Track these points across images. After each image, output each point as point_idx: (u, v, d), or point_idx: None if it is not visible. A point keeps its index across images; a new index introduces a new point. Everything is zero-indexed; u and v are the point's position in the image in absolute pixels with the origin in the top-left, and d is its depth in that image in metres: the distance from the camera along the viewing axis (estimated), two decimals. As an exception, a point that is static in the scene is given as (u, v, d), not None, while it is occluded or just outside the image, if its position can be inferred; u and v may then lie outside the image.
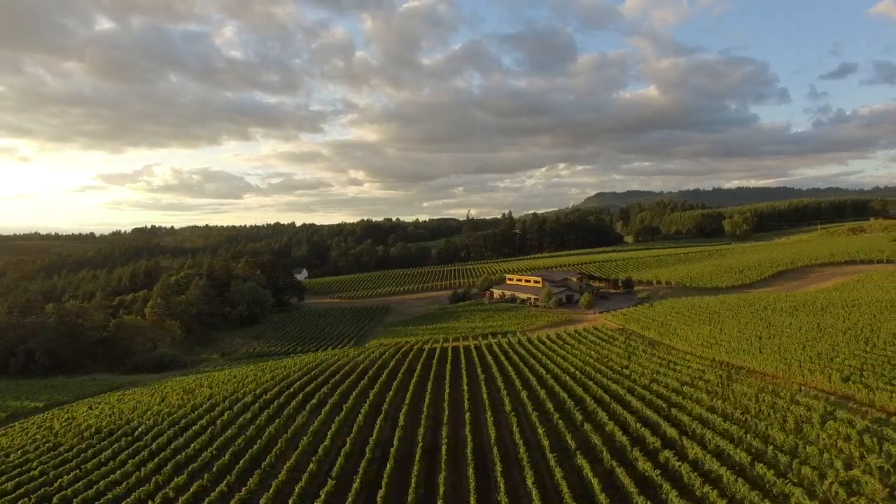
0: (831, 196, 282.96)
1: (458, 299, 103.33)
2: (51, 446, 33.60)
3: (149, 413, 37.91)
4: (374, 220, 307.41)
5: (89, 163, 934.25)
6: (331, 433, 31.13)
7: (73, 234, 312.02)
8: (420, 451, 27.80)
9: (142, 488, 25.65)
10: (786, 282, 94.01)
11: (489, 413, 32.19)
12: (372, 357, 52.46)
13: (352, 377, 43.46)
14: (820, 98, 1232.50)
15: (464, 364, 46.81)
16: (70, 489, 25.87)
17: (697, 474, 22.16)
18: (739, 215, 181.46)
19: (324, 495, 23.83)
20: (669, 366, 41.75)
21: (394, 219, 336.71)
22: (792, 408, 28.16)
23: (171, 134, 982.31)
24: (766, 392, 31.85)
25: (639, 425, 28.49)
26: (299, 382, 42.99)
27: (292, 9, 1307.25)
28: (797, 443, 23.57)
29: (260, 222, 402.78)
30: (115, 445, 31.73)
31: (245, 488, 25.27)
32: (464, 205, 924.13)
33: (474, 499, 22.41)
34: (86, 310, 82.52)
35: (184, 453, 29.53)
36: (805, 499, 19.09)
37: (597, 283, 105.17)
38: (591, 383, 38.03)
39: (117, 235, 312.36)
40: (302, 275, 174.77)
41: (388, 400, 35.89)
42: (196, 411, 37.32)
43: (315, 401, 37.26)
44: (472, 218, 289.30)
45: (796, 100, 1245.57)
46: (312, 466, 27.27)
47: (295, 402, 37.25)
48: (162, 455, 29.77)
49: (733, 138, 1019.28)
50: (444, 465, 25.94)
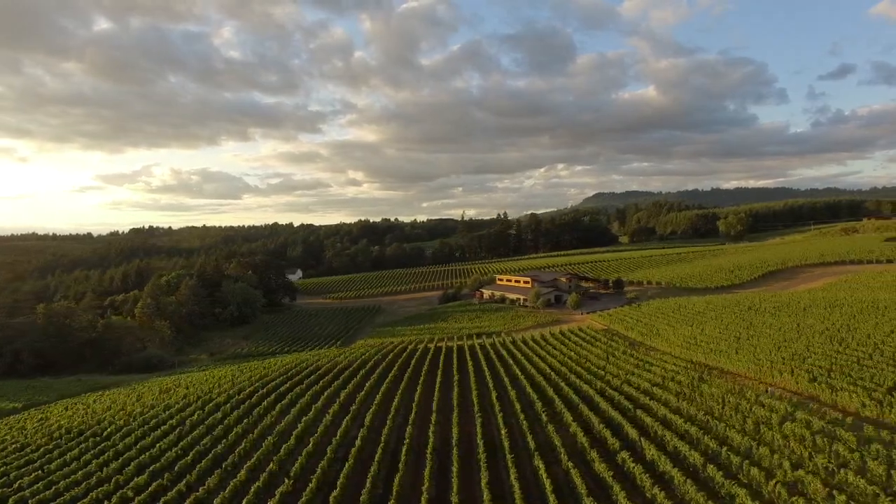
0: (830, 196, 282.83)
1: (447, 300, 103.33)
2: (18, 447, 33.67)
3: (121, 413, 37.98)
4: (372, 220, 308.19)
5: (88, 163, 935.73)
6: (296, 433, 31.18)
7: (70, 235, 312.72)
8: (381, 450, 27.83)
9: (100, 488, 25.70)
10: (775, 282, 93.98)
11: (456, 414, 32.20)
12: (351, 358, 52.49)
13: (326, 378, 43.50)
14: (818, 98, 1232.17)
15: (441, 365, 46.82)
16: (29, 490, 25.92)
17: (649, 475, 22.17)
18: (734, 216, 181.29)
19: (278, 495, 23.86)
20: (645, 367, 41.73)
21: (392, 219, 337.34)
22: (754, 409, 28.17)
23: (170, 134, 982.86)
24: (733, 393, 31.83)
25: (602, 426, 28.50)
26: (274, 382, 43.02)
27: (291, 9, 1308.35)
28: (752, 444, 23.57)
29: (259, 223, 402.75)
30: (82, 446, 31.80)
31: (203, 488, 25.31)
32: (463, 205, 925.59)
33: (426, 499, 22.48)
34: (74, 310, 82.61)
35: (148, 453, 29.58)
36: (748, 500, 19.11)
37: (587, 284, 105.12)
38: (563, 384, 38.04)
39: (115, 236, 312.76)
40: (296, 275, 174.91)
41: (357, 400, 35.94)
42: (168, 411, 37.37)
43: (286, 401, 37.29)
44: (469, 219, 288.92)
45: (795, 100, 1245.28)
46: (273, 466, 27.30)
47: (266, 402, 37.31)
48: (127, 455, 29.82)
49: (733, 139, 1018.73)
50: (403, 465, 25.96)
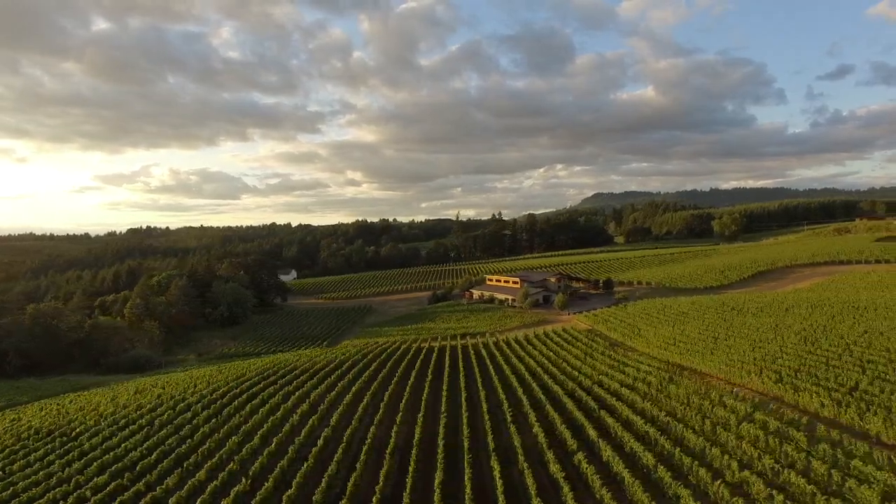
0: (828, 196, 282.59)
1: (437, 300, 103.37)
2: (-14, 447, 33.78)
3: (93, 414, 38.06)
4: (370, 220, 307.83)
5: (87, 163, 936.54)
6: (261, 433, 31.22)
7: (67, 235, 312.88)
8: (342, 450, 27.85)
9: (59, 488, 25.76)
10: (765, 282, 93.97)
11: (422, 414, 32.21)
12: (329, 358, 52.55)
13: (301, 378, 43.54)
14: (817, 99, 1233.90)
15: (418, 366, 46.89)
16: (-13, 490, 25.99)
17: (601, 476, 22.19)
18: (728, 216, 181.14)
19: (233, 494, 23.91)
20: (619, 368, 41.71)
21: (390, 219, 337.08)
22: (715, 410, 28.16)
23: (169, 134, 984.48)
24: (698, 394, 31.83)
25: (564, 427, 28.49)
26: (249, 383, 43.09)
27: (290, 9, 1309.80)
28: (706, 445, 23.59)
29: (257, 223, 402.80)
30: (48, 446, 31.88)
31: (161, 487, 25.37)
32: (462, 205, 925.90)
33: (377, 499, 22.50)
34: (61, 311, 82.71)
35: (112, 453, 29.63)
36: (691, 500, 19.14)
37: (577, 284, 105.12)
38: (535, 385, 38.05)
39: (112, 236, 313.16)
40: (291, 275, 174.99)
41: (327, 400, 35.98)
42: (139, 411, 37.43)
43: (257, 401, 37.33)
44: (467, 219, 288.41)
45: (794, 101, 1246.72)
46: (233, 466, 27.33)
47: (237, 402, 37.36)
48: (91, 455, 29.88)
49: (732, 139, 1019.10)
50: (361, 465, 26.02)
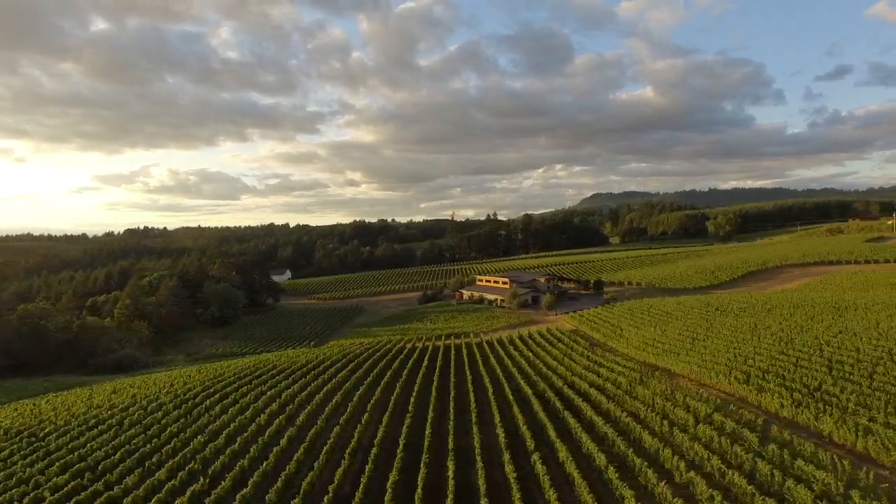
0: (827, 197, 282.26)
1: (427, 300, 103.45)
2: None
3: (65, 414, 38.14)
4: (368, 220, 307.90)
5: (86, 164, 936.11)
6: (227, 432, 31.28)
7: (64, 235, 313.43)
8: (303, 450, 27.92)
9: (17, 488, 25.84)
10: (754, 283, 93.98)
11: (388, 415, 32.30)
12: (309, 357, 52.65)
13: (276, 378, 43.63)
14: (815, 99, 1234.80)
15: (395, 367, 46.99)
16: (-54, 490, 26.04)
17: (551, 477, 22.23)
18: (723, 216, 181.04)
19: (189, 493, 23.99)
20: (593, 369, 41.71)
21: (389, 220, 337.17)
22: (677, 411, 28.16)
23: (168, 135, 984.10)
24: (664, 396, 31.85)
25: (526, 428, 28.52)
26: (224, 382, 43.15)
27: (288, 9, 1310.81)
28: (660, 446, 23.62)
29: (256, 223, 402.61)
30: (15, 446, 31.94)
31: (119, 487, 25.43)
32: (461, 206, 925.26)
33: (328, 499, 22.56)
34: (49, 311, 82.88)
35: (77, 453, 29.70)
36: (633, 501, 19.19)
37: (567, 285, 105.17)
38: (507, 386, 38.08)
39: (109, 236, 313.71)
40: (285, 275, 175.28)
41: (297, 401, 36.06)
42: (111, 411, 37.53)
43: (228, 401, 37.42)
44: (465, 219, 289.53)
45: (792, 101, 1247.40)
46: (195, 465, 27.39)
47: (209, 402, 37.42)
48: (56, 455, 29.95)
49: (731, 139, 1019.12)
50: (320, 464, 26.08)
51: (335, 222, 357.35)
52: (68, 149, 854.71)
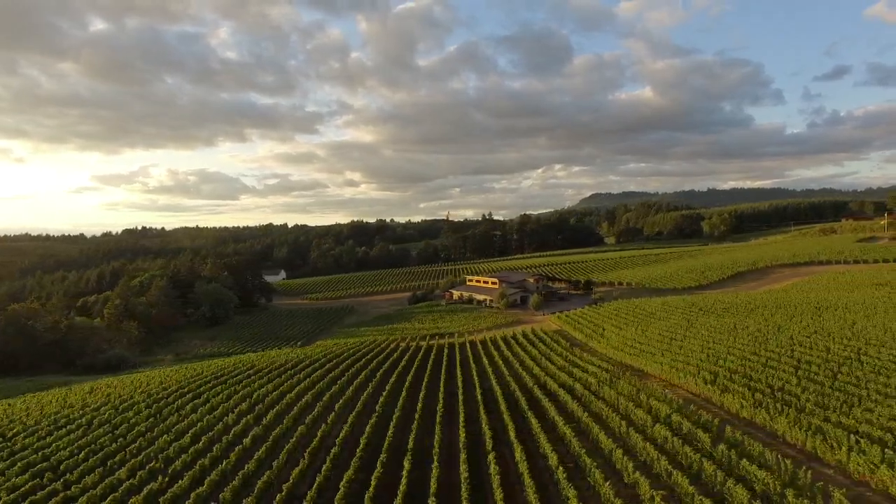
0: (825, 197, 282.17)
1: (417, 300, 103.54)
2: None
3: (37, 413, 38.27)
4: (366, 220, 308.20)
5: (85, 164, 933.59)
6: (193, 431, 31.37)
7: (62, 236, 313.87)
8: (265, 449, 27.98)
9: (-25, 488, 25.91)
10: (744, 283, 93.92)
11: (354, 415, 32.37)
12: (288, 357, 52.76)
13: (252, 377, 43.72)
14: (814, 99, 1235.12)
15: (372, 366, 47.09)
16: None
17: (501, 478, 22.26)
18: (718, 216, 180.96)
19: (145, 491, 24.08)
20: (567, 369, 41.74)
21: (388, 220, 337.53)
22: (637, 411, 28.16)
23: (167, 135, 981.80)
24: (628, 396, 31.89)
25: (487, 427, 28.59)
26: (200, 381, 43.24)
27: (287, 10, 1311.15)
28: (613, 447, 23.64)
29: (255, 224, 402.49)
30: (-19, 446, 32.06)
31: (77, 486, 25.53)
32: (461, 206, 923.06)
33: (282, 497, 22.64)
34: (37, 311, 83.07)
35: (41, 453, 29.78)
36: (576, 501, 19.24)
37: (558, 285, 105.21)
38: (479, 387, 38.11)
39: (107, 237, 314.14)
40: (280, 276, 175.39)
41: (267, 400, 36.13)
42: (83, 410, 37.63)
43: (200, 400, 37.49)
44: (464, 219, 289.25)
45: (791, 101, 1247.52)
46: (156, 464, 27.50)
47: (180, 401, 37.52)
48: (20, 454, 30.02)
49: (730, 139, 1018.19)
50: (278, 463, 26.14)
51: (334, 222, 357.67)
52: (67, 149, 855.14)
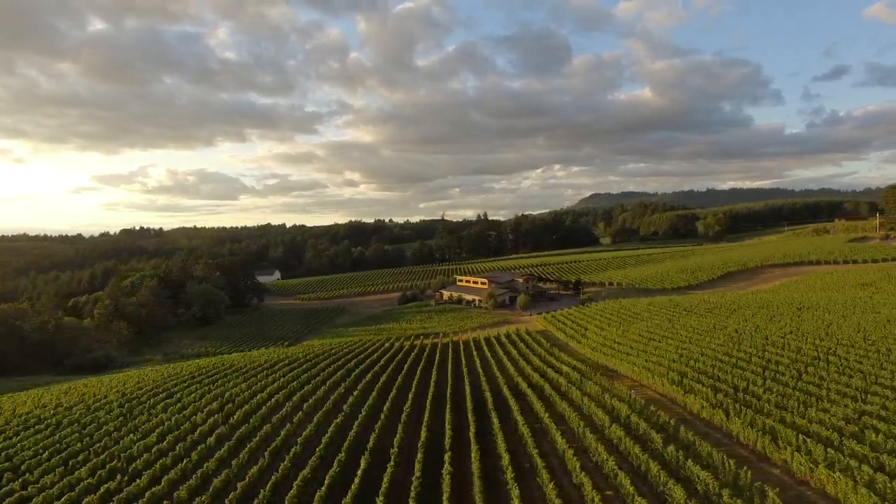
0: (824, 197, 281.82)
1: (406, 300, 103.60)
2: None
3: (9, 413, 38.37)
4: (364, 220, 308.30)
5: (85, 164, 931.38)
6: (159, 431, 31.43)
7: (59, 236, 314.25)
8: (227, 448, 28.05)
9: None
10: (734, 283, 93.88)
11: (322, 413, 32.42)
12: (267, 357, 52.83)
13: (228, 376, 43.80)
14: (813, 100, 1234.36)
15: (349, 366, 47.11)
16: None
17: (452, 477, 22.28)
18: (712, 217, 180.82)
19: (102, 490, 24.16)
20: (542, 370, 41.72)
21: (386, 220, 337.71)
22: (598, 412, 28.18)
23: (166, 135, 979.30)
24: (594, 397, 31.91)
25: (449, 427, 28.60)
26: (176, 381, 43.34)
27: (285, 10, 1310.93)
28: (566, 447, 23.66)
29: (254, 224, 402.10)
30: (-52, 445, 32.15)
31: (34, 486, 25.60)
32: (460, 206, 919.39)
33: (235, 495, 22.69)
34: (25, 311, 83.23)
35: (3, 453, 29.90)
36: (517, 501, 19.27)
37: (548, 285, 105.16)
38: (450, 386, 38.18)
39: (104, 237, 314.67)
40: (274, 276, 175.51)
41: (238, 400, 36.18)
42: (56, 410, 37.72)
43: (172, 400, 37.57)
44: (462, 219, 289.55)
45: (790, 101, 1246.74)
46: (117, 463, 27.57)
47: (153, 400, 37.61)
48: (-15, 455, 30.15)
49: (729, 140, 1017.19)
50: (238, 462, 26.17)
51: (333, 222, 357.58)
52: (67, 149, 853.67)
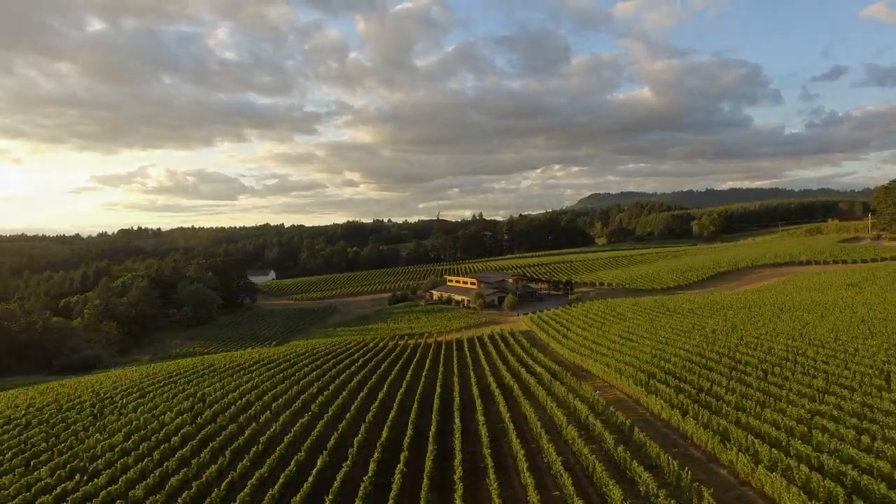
0: (823, 197, 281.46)
1: (397, 301, 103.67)
2: None
3: (-18, 414, 38.51)
4: (363, 221, 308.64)
5: (84, 164, 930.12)
6: (126, 430, 31.52)
7: (57, 236, 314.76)
8: (190, 448, 28.13)
9: None
10: (724, 283, 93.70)
11: (288, 414, 32.49)
12: (247, 357, 52.96)
13: (204, 376, 43.91)
14: (812, 100, 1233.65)
15: (327, 366, 47.19)
16: None
17: (403, 478, 22.37)
18: (707, 217, 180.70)
19: (59, 490, 24.27)
20: (515, 370, 41.77)
21: (385, 220, 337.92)
22: (559, 412, 28.21)
23: (165, 135, 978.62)
24: (558, 397, 31.95)
25: (410, 427, 28.66)
26: (151, 380, 43.47)
27: (285, 10, 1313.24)
28: (519, 449, 23.67)
29: (253, 224, 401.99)
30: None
31: (-7, 486, 25.74)
32: (459, 206, 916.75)
33: (190, 493, 22.76)
34: (13, 312, 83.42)
35: (-31, 453, 30.00)
36: (460, 501, 19.31)
37: (538, 285, 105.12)
38: (421, 386, 38.21)
39: (102, 237, 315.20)
40: (269, 276, 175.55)
41: (208, 400, 36.28)
42: (27, 410, 37.83)
43: (145, 399, 37.66)
44: (461, 219, 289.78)
45: (789, 102, 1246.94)
46: (78, 462, 27.66)
47: (125, 400, 37.72)
48: (-49, 454, 30.24)
49: (728, 140, 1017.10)
50: (198, 461, 26.26)
51: (332, 223, 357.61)
52: (65, 149, 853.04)
